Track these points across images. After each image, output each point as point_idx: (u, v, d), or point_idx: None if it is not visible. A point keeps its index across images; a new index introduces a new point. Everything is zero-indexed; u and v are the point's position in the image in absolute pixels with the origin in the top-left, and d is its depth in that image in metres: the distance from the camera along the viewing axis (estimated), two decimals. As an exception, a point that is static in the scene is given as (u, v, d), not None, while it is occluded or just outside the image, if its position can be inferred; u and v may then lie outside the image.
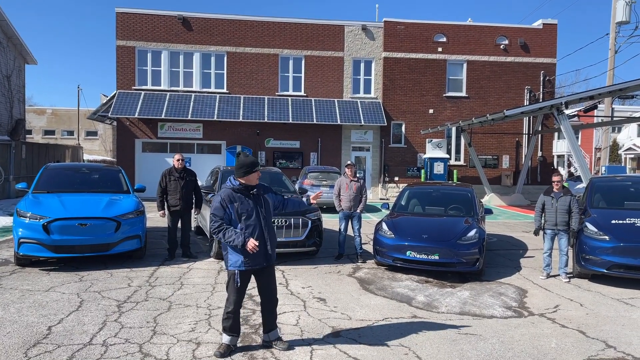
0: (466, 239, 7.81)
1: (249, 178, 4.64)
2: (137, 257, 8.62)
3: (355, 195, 9.13)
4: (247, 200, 4.62)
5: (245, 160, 4.64)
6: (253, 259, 4.60)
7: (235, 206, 4.57)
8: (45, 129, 47.78)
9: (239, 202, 4.58)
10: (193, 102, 21.77)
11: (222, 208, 4.58)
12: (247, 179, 4.64)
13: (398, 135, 23.61)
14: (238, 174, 4.64)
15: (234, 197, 4.59)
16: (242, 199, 4.61)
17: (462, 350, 4.90)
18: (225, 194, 4.60)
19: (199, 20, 22.43)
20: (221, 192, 4.67)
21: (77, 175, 9.60)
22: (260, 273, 4.74)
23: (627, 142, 41.74)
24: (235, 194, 4.61)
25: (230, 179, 4.71)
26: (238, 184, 4.64)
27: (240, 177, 4.64)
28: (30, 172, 21.26)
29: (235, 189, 4.63)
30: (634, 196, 8.83)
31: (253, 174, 4.64)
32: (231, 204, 4.57)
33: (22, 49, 24.11)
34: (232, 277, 4.64)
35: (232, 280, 4.64)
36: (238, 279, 4.60)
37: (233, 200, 4.58)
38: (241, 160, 4.65)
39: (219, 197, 4.61)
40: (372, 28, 23.36)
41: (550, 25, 24.16)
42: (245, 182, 4.64)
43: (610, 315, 6.15)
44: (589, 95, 14.42)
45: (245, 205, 4.60)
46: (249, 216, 4.59)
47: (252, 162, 4.64)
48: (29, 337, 4.99)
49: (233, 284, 4.63)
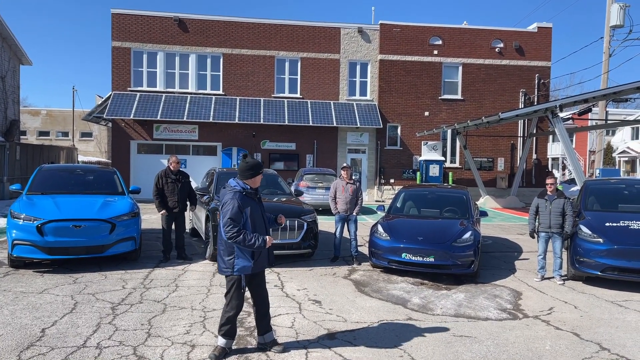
0: (461, 241, 7.83)
1: (255, 180, 4.63)
2: (131, 259, 8.58)
3: (351, 197, 9.14)
4: (255, 204, 4.64)
5: (252, 162, 4.65)
6: (260, 263, 4.62)
7: (248, 210, 4.54)
8: (40, 130, 47.56)
9: (250, 206, 4.57)
10: (189, 104, 21.74)
11: (240, 213, 4.48)
12: (253, 181, 4.63)
13: (394, 137, 23.65)
14: (245, 176, 4.60)
15: (247, 201, 4.56)
16: (252, 203, 4.61)
17: (457, 352, 4.91)
18: (241, 198, 4.51)
19: (195, 21, 22.41)
20: (234, 196, 4.51)
21: (72, 177, 9.55)
22: (253, 276, 4.73)
23: (621, 145, 42.01)
24: (247, 197, 4.58)
25: (238, 181, 4.61)
26: (249, 187, 4.61)
27: (247, 179, 4.61)
28: (25, 173, 21.15)
29: (247, 192, 4.58)
30: (628, 199, 8.88)
31: (259, 176, 4.64)
32: (246, 208, 4.53)
33: (16, 50, 24.02)
34: (237, 282, 4.58)
35: (236, 285, 4.58)
36: (244, 283, 4.59)
37: (246, 204, 4.55)
38: (249, 162, 4.64)
39: (236, 202, 4.46)
40: (368, 30, 23.42)
41: (545, 29, 24.30)
42: (251, 185, 4.63)
43: (604, 318, 6.18)
44: (583, 98, 14.50)
45: (255, 209, 4.61)
46: (259, 219, 4.62)
47: (258, 164, 4.68)
48: (23, 339, 4.96)
49: (238, 289, 4.58)
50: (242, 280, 4.58)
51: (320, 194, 16.57)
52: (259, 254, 4.58)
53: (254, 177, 4.62)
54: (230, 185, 4.63)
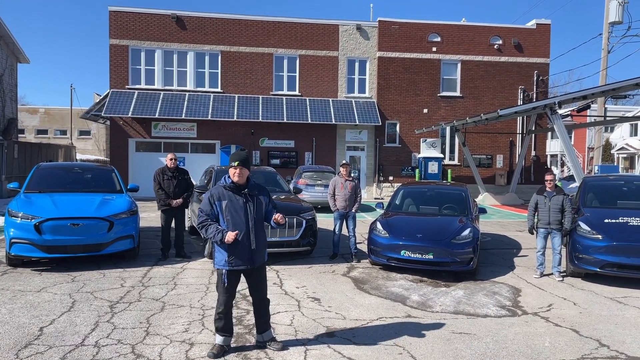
0: (460, 238, 7.82)
1: (231, 173, 4.57)
2: (130, 258, 8.56)
3: (350, 194, 9.13)
4: (236, 199, 4.59)
5: (231, 155, 4.64)
6: (236, 259, 4.57)
7: (223, 204, 4.55)
8: (38, 129, 47.49)
9: (227, 200, 4.57)
10: (187, 102, 21.68)
11: (209, 204, 4.60)
12: (231, 174, 4.57)
13: (392, 134, 23.63)
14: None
15: (224, 195, 4.59)
16: (232, 197, 4.59)
17: (456, 350, 4.90)
18: (216, 191, 4.62)
19: (192, 19, 22.33)
20: (211, 189, 4.70)
21: (70, 175, 9.52)
22: (249, 273, 4.72)
23: (619, 141, 42.05)
24: (226, 191, 4.60)
25: (225, 177, 4.70)
26: (230, 182, 4.62)
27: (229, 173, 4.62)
28: (23, 171, 21.10)
29: (227, 186, 4.62)
30: (627, 195, 8.88)
31: (232, 169, 4.55)
32: (219, 201, 4.57)
33: (14, 48, 23.93)
34: (220, 276, 4.64)
35: (220, 279, 4.64)
36: (226, 279, 4.59)
37: (222, 197, 4.58)
38: (231, 155, 4.69)
39: (208, 194, 4.65)
40: (367, 27, 23.36)
41: (544, 26, 24.26)
42: (232, 179, 4.57)
43: (603, 314, 6.18)
44: (582, 95, 14.51)
45: (234, 204, 4.57)
46: (236, 215, 4.56)
47: (232, 155, 4.59)
48: (21, 338, 4.94)
49: (221, 283, 4.63)
50: (223, 276, 4.59)
51: (319, 191, 16.52)
52: (233, 250, 4.53)
53: (230, 169, 4.58)
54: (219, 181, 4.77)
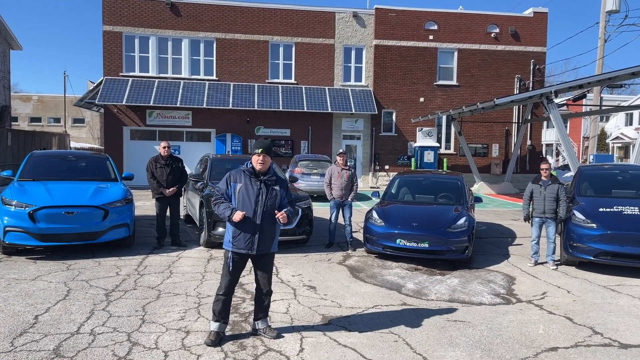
0: (456, 227, 7.84)
1: (253, 159, 4.69)
2: (125, 246, 8.54)
3: (346, 183, 9.11)
4: (252, 185, 4.64)
5: (256, 143, 4.74)
6: (239, 241, 4.59)
7: (237, 186, 4.64)
8: (32, 116, 47.05)
9: (243, 184, 4.63)
10: (182, 89, 21.51)
11: (225, 184, 4.71)
12: (252, 160, 4.69)
13: (389, 123, 23.58)
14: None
15: (240, 178, 4.67)
16: (248, 182, 4.64)
17: (451, 337, 4.94)
18: (235, 173, 4.73)
19: (187, 5, 22.06)
20: (232, 170, 4.79)
21: (64, 163, 9.45)
22: (256, 261, 4.74)
23: (614, 131, 42.20)
24: (244, 175, 4.68)
25: (247, 162, 4.79)
26: (251, 167, 4.69)
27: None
28: (16, 159, 20.95)
29: (246, 170, 4.70)
30: (622, 184, 8.91)
31: (254, 155, 4.67)
32: (234, 183, 4.67)
33: (6, 34, 23.62)
34: (226, 259, 4.66)
35: (225, 262, 4.67)
36: (231, 262, 4.61)
37: (238, 180, 4.67)
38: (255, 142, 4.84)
39: (228, 174, 4.75)
40: (363, 15, 23.18)
41: (541, 14, 24.16)
42: (254, 165, 4.67)
43: (597, 302, 6.23)
44: (578, 84, 14.46)
45: (248, 189, 4.62)
46: (247, 199, 4.60)
47: (256, 144, 4.72)
48: (15, 326, 4.93)
49: (226, 267, 4.65)
50: (229, 259, 4.62)
51: (315, 180, 16.52)
52: (237, 231, 4.58)
53: (253, 157, 4.69)
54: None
